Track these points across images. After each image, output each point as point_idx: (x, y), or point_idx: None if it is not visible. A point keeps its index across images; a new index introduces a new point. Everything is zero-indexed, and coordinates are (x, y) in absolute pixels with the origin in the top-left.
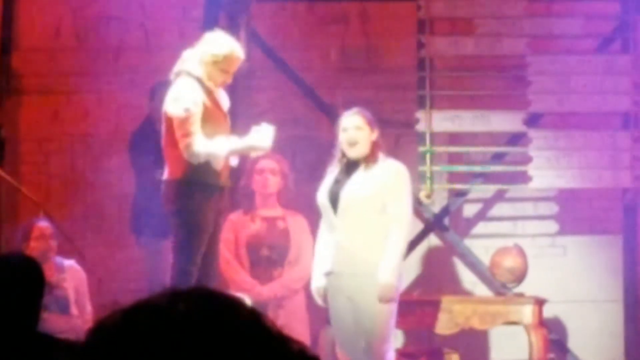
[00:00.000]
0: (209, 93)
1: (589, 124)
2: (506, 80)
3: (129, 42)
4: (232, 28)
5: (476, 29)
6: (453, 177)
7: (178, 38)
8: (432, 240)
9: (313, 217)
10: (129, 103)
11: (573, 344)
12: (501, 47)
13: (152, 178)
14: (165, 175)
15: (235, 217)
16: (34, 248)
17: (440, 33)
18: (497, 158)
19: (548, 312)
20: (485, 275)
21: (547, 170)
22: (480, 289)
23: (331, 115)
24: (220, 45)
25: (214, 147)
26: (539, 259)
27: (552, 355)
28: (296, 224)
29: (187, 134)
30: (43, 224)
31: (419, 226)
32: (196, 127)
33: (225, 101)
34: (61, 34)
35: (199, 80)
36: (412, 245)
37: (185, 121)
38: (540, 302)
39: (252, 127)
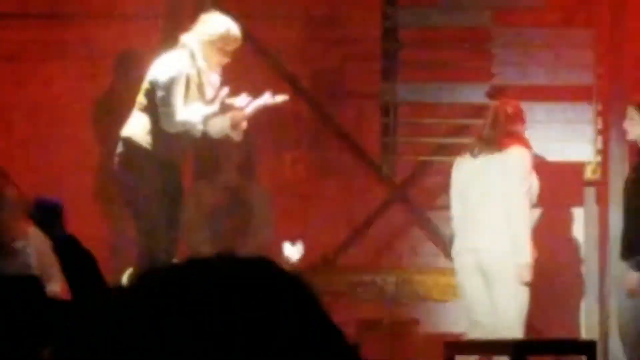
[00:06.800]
0: (198, 72)
1: (552, 97)
2: (470, 52)
3: (94, 11)
4: None
5: (441, 1)
6: (416, 149)
7: (143, 7)
8: (395, 211)
9: (274, 187)
10: (94, 72)
11: (533, 316)
12: (465, 19)
13: (116, 147)
14: (129, 133)
15: (198, 186)
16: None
17: (405, 4)
18: (461, 130)
19: None
20: (447, 247)
21: None
22: (443, 261)
23: (295, 86)
24: (216, 24)
25: (191, 114)
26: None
27: None
28: (258, 194)
29: (168, 104)
30: (10, 191)
31: (382, 197)
32: (178, 97)
33: (211, 87)
34: (28, 2)
35: (192, 57)
36: (375, 216)
37: (167, 89)
38: None
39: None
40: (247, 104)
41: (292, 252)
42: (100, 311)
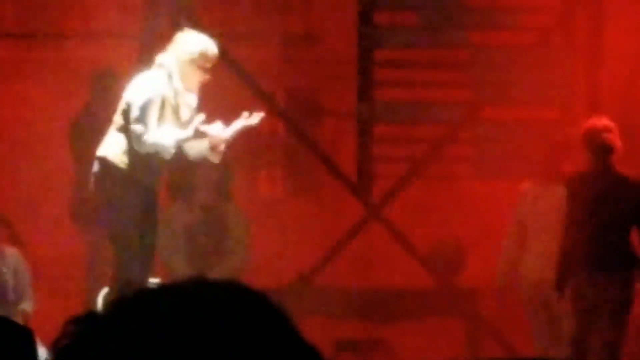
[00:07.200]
0: (175, 93)
1: (529, 117)
2: (446, 72)
3: (71, 30)
4: (173, 16)
5: (418, 20)
6: (393, 168)
7: (119, 27)
8: (372, 229)
9: (250, 206)
10: (70, 91)
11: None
12: (442, 39)
13: (91, 166)
14: (105, 152)
15: (173, 206)
16: None
17: (382, 24)
18: (438, 149)
19: (485, 303)
20: (425, 264)
21: (487, 162)
22: (420, 279)
23: (271, 106)
24: (195, 42)
25: (163, 137)
26: (475, 249)
27: None
28: (234, 213)
29: (140, 122)
30: None
31: (359, 216)
32: (152, 118)
33: (188, 108)
34: (2, 20)
35: (169, 77)
36: (351, 234)
37: (143, 110)
38: (476, 294)
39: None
40: (223, 132)
41: None
42: (71, 342)
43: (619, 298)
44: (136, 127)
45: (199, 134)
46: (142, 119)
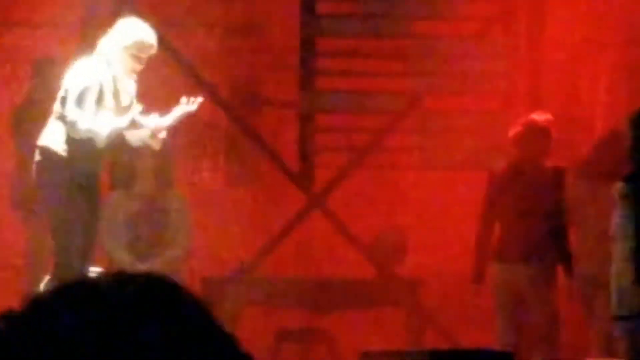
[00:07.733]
0: (114, 79)
1: (469, 106)
2: (388, 61)
3: (13, 18)
4: (115, 4)
5: (360, 10)
6: (334, 157)
7: (62, 14)
8: (313, 219)
9: (191, 196)
10: (12, 79)
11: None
12: (383, 28)
13: (33, 154)
14: (46, 141)
15: (115, 195)
16: None
17: (324, 13)
18: (380, 140)
19: (427, 293)
20: (367, 254)
21: (429, 152)
22: (362, 269)
23: (213, 95)
24: (131, 31)
25: (98, 124)
26: (417, 239)
27: None
28: (175, 202)
29: (76, 108)
30: None
31: (300, 206)
32: (88, 104)
33: (127, 95)
34: None
35: (108, 63)
36: (293, 224)
37: (79, 96)
38: (418, 284)
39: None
40: (159, 126)
41: None
42: None
43: (545, 290)
44: (71, 113)
45: (135, 125)
46: (78, 105)
